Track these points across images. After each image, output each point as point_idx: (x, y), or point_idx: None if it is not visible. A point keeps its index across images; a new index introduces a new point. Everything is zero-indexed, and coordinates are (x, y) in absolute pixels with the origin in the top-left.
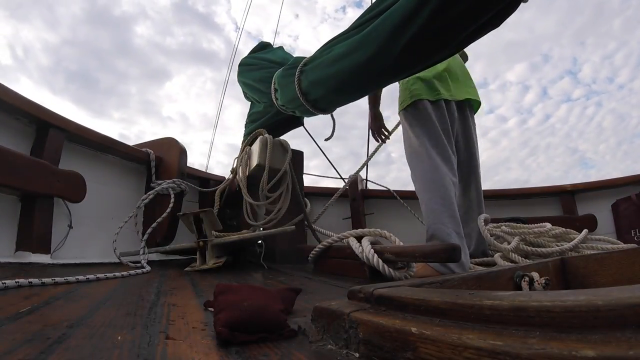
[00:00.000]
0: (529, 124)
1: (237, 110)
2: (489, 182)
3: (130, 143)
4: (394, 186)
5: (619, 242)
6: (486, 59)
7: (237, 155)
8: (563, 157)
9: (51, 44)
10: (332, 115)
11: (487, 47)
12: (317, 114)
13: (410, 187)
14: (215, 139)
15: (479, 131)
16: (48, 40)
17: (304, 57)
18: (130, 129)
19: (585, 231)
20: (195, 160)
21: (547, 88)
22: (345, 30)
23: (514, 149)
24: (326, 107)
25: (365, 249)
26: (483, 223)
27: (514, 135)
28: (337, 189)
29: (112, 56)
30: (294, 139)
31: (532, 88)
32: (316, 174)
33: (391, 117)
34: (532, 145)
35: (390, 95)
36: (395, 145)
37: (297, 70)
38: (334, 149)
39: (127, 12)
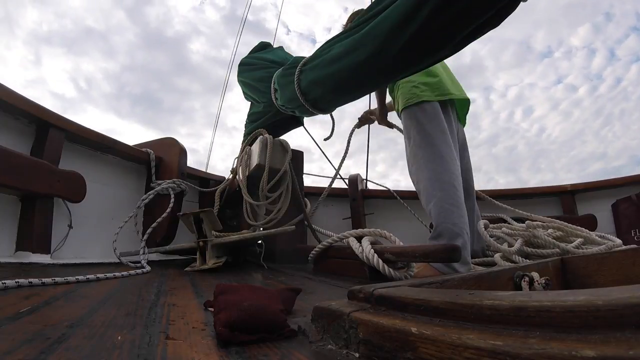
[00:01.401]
0: (600, 91)
1: None
2: (564, 158)
3: (200, 157)
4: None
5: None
6: (547, 26)
7: (237, 156)
8: (639, 123)
9: (112, 72)
10: (331, 115)
11: (546, 13)
12: (316, 114)
13: (411, 187)
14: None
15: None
16: (108, 68)
17: (304, 57)
18: (198, 142)
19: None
20: None
21: (614, 49)
22: (345, 30)
23: (587, 119)
24: (326, 106)
25: (365, 249)
26: (483, 227)
27: (586, 105)
28: (338, 189)
29: (172, 75)
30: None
31: (598, 51)
32: (316, 174)
33: None
34: (605, 113)
35: None
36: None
37: (297, 70)
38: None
39: (180, 31)
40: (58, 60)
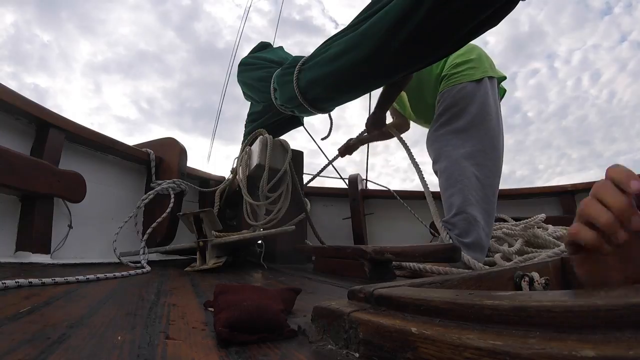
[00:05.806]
0: None
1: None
2: (638, 123)
3: None
4: None
5: None
6: None
7: (237, 156)
8: None
9: (170, 90)
10: (329, 115)
11: None
12: (315, 113)
13: (409, 187)
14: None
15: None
16: (166, 87)
17: (303, 57)
18: None
19: None
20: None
21: None
22: (343, 29)
23: None
24: (325, 106)
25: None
26: None
27: None
28: (338, 189)
29: (230, 86)
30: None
31: None
32: (316, 174)
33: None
34: None
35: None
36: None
37: (296, 69)
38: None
39: (231, 41)
40: (118, 86)
